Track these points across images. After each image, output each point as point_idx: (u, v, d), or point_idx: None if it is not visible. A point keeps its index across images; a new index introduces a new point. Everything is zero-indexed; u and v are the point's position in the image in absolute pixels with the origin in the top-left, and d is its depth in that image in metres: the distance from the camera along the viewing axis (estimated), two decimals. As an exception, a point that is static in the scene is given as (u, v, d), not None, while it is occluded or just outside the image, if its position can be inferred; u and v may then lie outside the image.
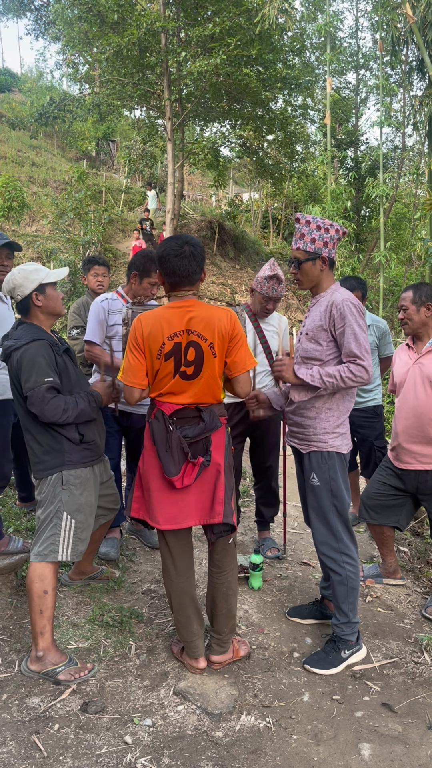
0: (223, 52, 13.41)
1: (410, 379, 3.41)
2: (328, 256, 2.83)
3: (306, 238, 2.81)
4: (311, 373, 2.78)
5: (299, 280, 2.90)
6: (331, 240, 2.81)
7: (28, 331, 2.77)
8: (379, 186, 11.22)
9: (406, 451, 3.40)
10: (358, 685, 2.83)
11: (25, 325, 2.82)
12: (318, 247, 2.80)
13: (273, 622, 3.30)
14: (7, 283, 2.81)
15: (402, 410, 3.42)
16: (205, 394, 2.63)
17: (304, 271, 2.86)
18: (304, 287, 2.93)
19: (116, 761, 2.32)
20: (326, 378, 2.74)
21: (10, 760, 2.30)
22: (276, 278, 3.68)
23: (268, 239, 25.29)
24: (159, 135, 19.19)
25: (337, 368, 2.74)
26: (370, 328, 4.34)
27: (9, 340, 2.78)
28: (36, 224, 18.94)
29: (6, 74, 36.69)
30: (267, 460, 4.01)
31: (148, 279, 3.52)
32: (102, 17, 15.30)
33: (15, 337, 2.77)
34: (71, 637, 3.04)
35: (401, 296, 3.44)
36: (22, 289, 2.78)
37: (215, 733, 2.49)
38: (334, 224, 2.83)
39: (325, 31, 12.26)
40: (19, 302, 2.82)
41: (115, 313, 3.64)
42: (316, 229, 2.80)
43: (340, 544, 2.89)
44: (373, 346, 4.34)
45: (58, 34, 20.50)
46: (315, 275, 2.86)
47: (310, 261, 2.83)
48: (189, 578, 2.80)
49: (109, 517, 3.18)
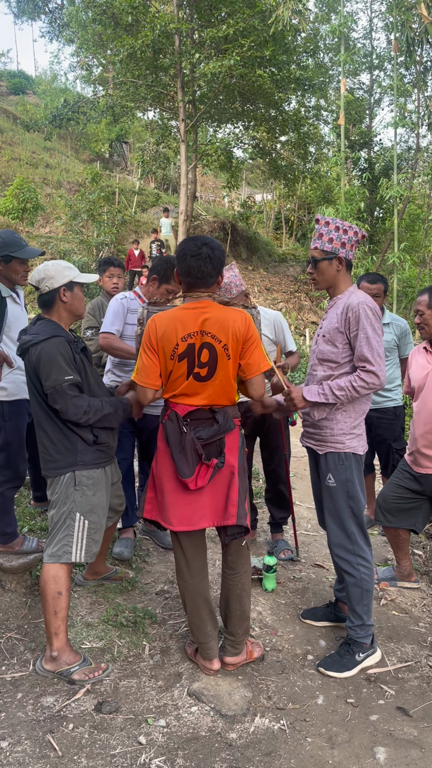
0: (237, 54, 13.44)
1: (429, 383, 3.37)
2: (345, 257, 2.82)
3: (324, 238, 2.83)
4: (322, 392, 2.78)
5: (315, 279, 2.90)
6: (349, 241, 2.81)
7: (48, 327, 2.75)
8: (393, 187, 11.17)
9: (425, 456, 3.37)
10: (372, 688, 2.81)
11: (44, 321, 2.80)
12: (335, 246, 2.81)
13: (286, 624, 3.29)
14: (39, 272, 2.78)
15: (421, 415, 3.40)
16: (219, 396, 2.62)
17: (321, 270, 2.86)
18: (320, 287, 2.92)
19: (130, 761, 2.32)
20: (338, 392, 2.75)
21: (25, 759, 2.31)
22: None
23: (281, 240, 25.28)
24: (172, 136, 19.25)
25: (348, 379, 2.74)
26: (390, 326, 4.29)
27: (27, 334, 2.77)
28: (50, 225, 19.06)
29: (21, 77, 36.97)
30: (271, 462, 4.00)
31: (166, 285, 3.48)
32: (116, 19, 15.38)
33: (33, 332, 2.75)
34: (85, 637, 3.05)
35: (417, 300, 3.41)
36: (52, 281, 2.77)
37: (229, 735, 2.48)
38: (353, 226, 2.83)
39: (339, 31, 12.21)
40: (44, 294, 2.79)
41: (133, 312, 3.65)
42: (335, 229, 2.81)
43: (354, 546, 2.88)
44: (393, 345, 4.29)
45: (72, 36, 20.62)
46: (331, 275, 2.86)
47: (327, 260, 2.83)
48: (203, 579, 2.79)
49: (115, 519, 3.18)
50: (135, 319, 3.62)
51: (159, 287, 3.49)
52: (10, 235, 3.39)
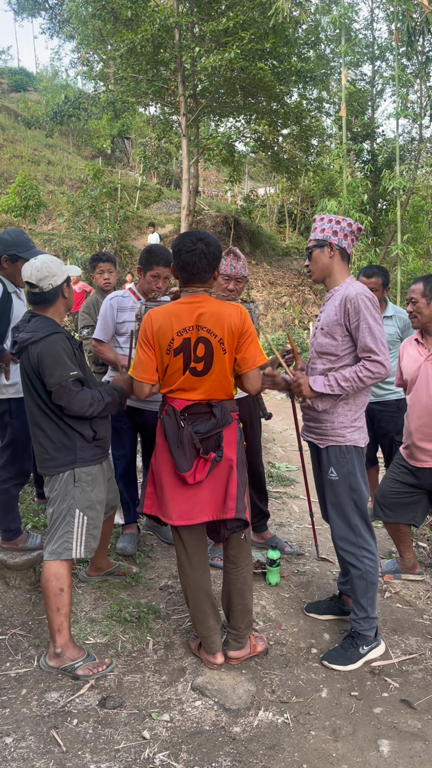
0: (237, 47, 13.37)
1: (422, 376, 3.35)
2: (338, 245, 2.81)
3: (317, 230, 2.87)
4: (328, 383, 2.77)
5: (310, 270, 2.91)
6: (341, 231, 2.80)
7: (45, 324, 2.73)
8: (396, 178, 11.12)
9: (421, 449, 3.36)
10: (376, 681, 2.81)
11: (39, 318, 2.77)
12: (326, 234, 2.82)
13: (290, 618, 3.29)
14: (38, 270, 2.72)
15: (415, 408, 3.37)
16: (216, 390, 2.62)
17: (314, 259, 2.88)
18: (315, 277, 2.91)
19: (135, 756, 2.33)
20: (343, 383, 2.73)
21: (30, 755, 2.32)
22: (233, 253, 3.45)
23: (284, 234, 25.22)
24: (174, 131, 19.20)
25: (353, 369, 2.73)
26: (393, 318, 4.23)
27: (23, 332, 2.72)
28: (52, 222, 19.07)
29: (22, 74, 36.94)
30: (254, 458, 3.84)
31: (150, 272, 3.52)
32: (116, 14, 15.34)
33: (30, 329, 2.71)
34: (89, 632, 3.06)
35: (411, 288, 3.35)
36: (56, 278, 2.75)
37: (233, 729, 2.49)
38: (348, 219, 2.85)
39: (340, 22, 12.13)
40: (46, 292, 2.75)
41: (125, 310, 3.65)
42: (328, 221, 2.84)
43: (359, 539, 2.87)
44: (396, 338, 4.24)
45: (73, 32, 20.59)
46: (324, 263, 2.85)
47: (319, 248, 2.84)
48: (204, 574, 2.79)
49: (110, 513, 3.18)
50: (127, 316, 3.65)
51: (145, 276, 3.55)
52: (20, 236, 3.37)
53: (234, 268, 3.43)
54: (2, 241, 3.34)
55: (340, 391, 2.75)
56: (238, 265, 3.44)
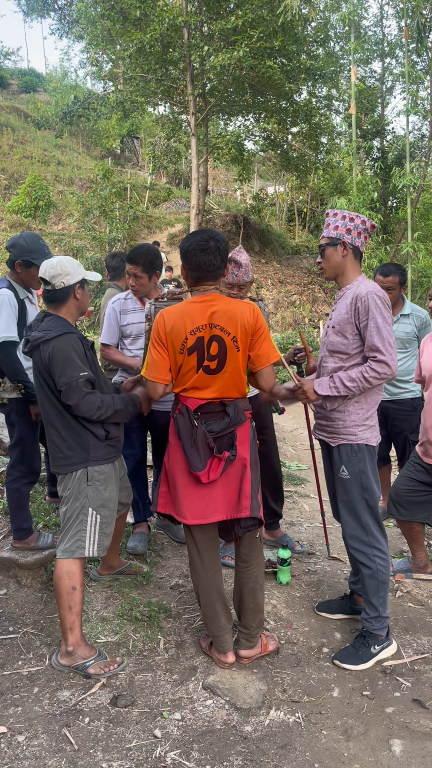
0: (246, 45, 13.32)
1: None
2: (351, 244, 2.80)
3: (330, 227, 2.85)
4: (333, 385, 2.76)
5: (323, 268, 2.89)
6: (355, 228, 2.79)
7: (58, 323, 2.74)
8: (406, 176, 11.04)
9: (437, 446, 3.34)
10: (388, 680, 2.80)
11: (52, 317, 2.78)
12: (340, 233, 2.80)
13: (302, 617, 3.28)
14: (53, 267, 2.74)
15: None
16: (230, 389, 2.62)
17: (326, 257, 2.86)
18: (327, 275, 2.90)
19: (146, 755, 2.33)
20: (349, 383, 2.72)
21: (42, 753, 2.33)
22: (234, 261, 3.39)
23: (294, 232, 25.15)
24: (183, 130, 19.17)
25: (359, 369, 2.72)
26: (410, 317, 4.19)
27: (35, 331, 2.74)
28: (62, 222, 19.13)
29: (31, 75, 37.01)
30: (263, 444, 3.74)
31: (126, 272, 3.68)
32: (124, 14, 15.34)
33: (43, 328, 2.73)
34: (100, 631, 3.06)
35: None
36: (68, 277, 2.76)
37: (244, 728, 2.48)
38: (361, 216, 2.82)
39: (349, 20, 12.06)
40: (58, 290, 2.76)
41: (127, 312, 3.70)
42: (341, 218, 2.82)
43: (370, 538, 2.86)
44: (413, 336, 4.20)
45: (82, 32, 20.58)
46: (336, 261, 2.84)
47: (332, 246, 2.83)
48: (216, 573, 2.79)
49: (123, 511, 3.19)
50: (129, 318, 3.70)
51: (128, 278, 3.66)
52: (35, 241, 3.37)
53: (236, 276, 3.41)
54: (17, 246, 3.35)
55: (346, 392, 2.74)
56: (240, 272, 3.41)
